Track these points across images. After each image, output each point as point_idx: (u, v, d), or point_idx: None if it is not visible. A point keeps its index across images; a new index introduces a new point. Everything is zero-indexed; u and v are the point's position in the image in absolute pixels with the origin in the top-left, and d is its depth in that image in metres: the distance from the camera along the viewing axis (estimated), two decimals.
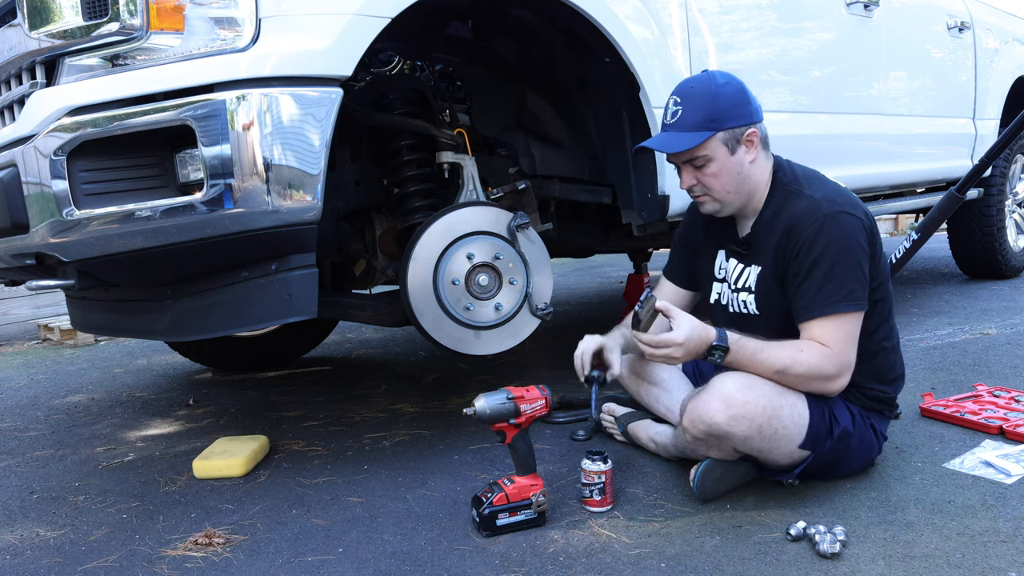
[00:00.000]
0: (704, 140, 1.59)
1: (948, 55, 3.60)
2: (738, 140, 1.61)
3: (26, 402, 2.97)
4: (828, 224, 1.55)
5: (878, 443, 1.71)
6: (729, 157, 1.61)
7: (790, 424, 1.54)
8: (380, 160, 2.18)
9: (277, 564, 1.50)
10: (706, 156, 1.61)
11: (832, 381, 1.56)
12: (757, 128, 1.63)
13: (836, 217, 1.56)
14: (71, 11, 1.54)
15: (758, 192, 1.67)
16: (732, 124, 1.60)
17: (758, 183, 1.66)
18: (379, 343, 3.71)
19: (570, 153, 2.40)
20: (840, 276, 1.54)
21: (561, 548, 1.49)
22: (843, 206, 1.58)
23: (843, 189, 1.65)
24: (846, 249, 1.55)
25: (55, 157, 1.50)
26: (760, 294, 1.67)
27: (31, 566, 1.55)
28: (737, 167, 1.62)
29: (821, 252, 1.55)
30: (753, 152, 1.63)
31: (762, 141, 1.65)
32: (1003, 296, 3.79)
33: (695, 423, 1.55)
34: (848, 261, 1.55)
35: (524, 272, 2.02)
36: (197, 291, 1.75)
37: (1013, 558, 1.34)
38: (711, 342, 1.53)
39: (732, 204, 1.68)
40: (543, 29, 2.15)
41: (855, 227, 1.57)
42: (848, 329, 1.55)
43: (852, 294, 1.54)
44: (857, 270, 1.55)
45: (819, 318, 1.55)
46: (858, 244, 1.56)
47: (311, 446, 2.17)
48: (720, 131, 1.59)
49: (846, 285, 1.54)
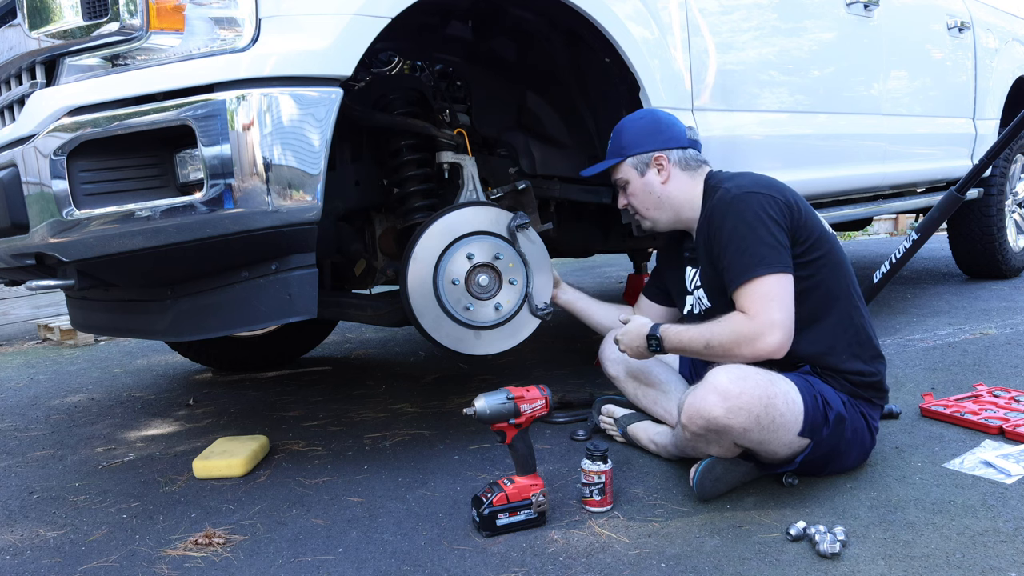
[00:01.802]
0: (612, 164, 1.88)
1: (948, 55, 3.60)
2: (647, 164, 1.84)
3: (26, 402, 2.97)
4: (734, 204, 1.66)
5: (871, 434, 1.72)
6: (640, 178, 1.85)
7: (786, 412, 1.55)
8: (380, 160, 2.18)
9: (277, 564, 1.50)
10: (623, 179, 1.88)
11: (757, 340, 1.59)
12: (666, 153, 1.82)
13: (742, 198, 1.66)
14: (71, 11, 1.54)
15: (687, 206, 1.83)
16: (638, 151, 1.84)
17: (680, 199, 1.83)
18: (379, 343, 3.71)
19: (570, 153, 2.39)
20: (750, 247, 1.62)
21: (561, 548, 1.49)
22: (750, 188, 1.68)
23: (762, 178, 1.74)
24: (751, 222, 1.63)
25: (55, 157, 1.50)
26: (706, 287, 1.81)
27: (31, 566, 1.55)
28: (648, 187, 1.84)
29: (731, 230, 1.65)
30: (664, 174, 1.83)
31: (679, 163, 1.83)
32: (1003, 296, 3.79)
33: (693, 418, 1.55)
34: (755, 232, 1.62)
35: (524, 272, 2.02)
36: (197, 291, 1.75)
37: (1013, 558, 1.34)
38: (646, 334, 1.76)
39: (659, 220, 1.88)
40: (543, 29, 2.15)
41: (762, 202, 1.64)
42: (764, 291, 1.60)
43: (764, 259, 1.60)
44: (767, 237, 1.61)
45: (738, 288, 1.63)
46: (765, 215, 1.63)
47: (311, 446, 2.17)
48: (629, 156, 1.85)
49: (756, 253, 1.61)
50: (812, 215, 1.72)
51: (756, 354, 1.60)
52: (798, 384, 1.60)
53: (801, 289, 1.64)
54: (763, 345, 1.59)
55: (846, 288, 1.72)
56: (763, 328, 1.59)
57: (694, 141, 1.87)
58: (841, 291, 1.71)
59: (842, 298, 1.70)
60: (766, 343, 1.59)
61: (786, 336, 1.60)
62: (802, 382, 1.61)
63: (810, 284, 1.67)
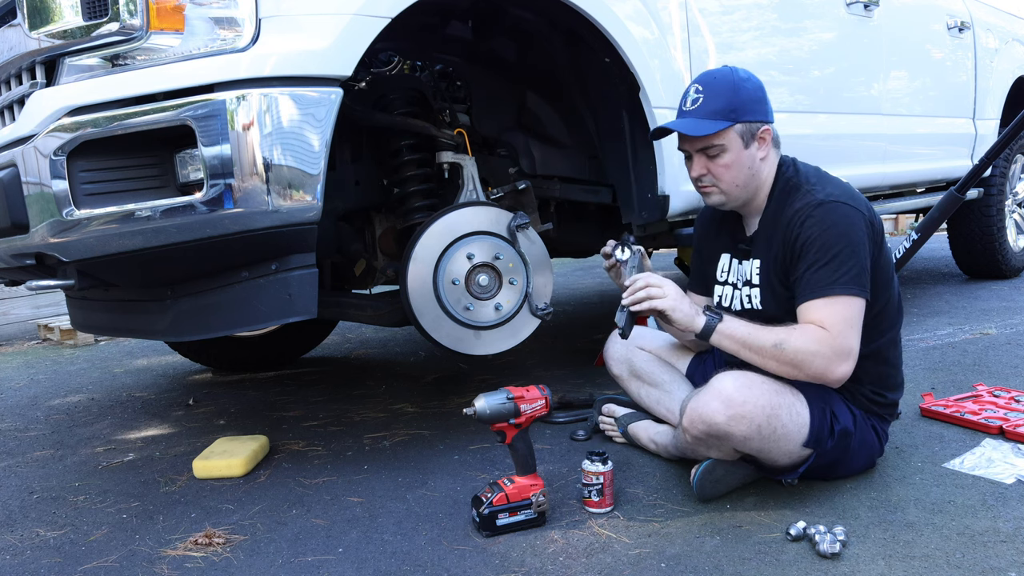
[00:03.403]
0: (724, 128, 1.61)
1: (948, 55, 3.60)
2: (753, 135, 1.63)
3: (26, 402, 2.97)
4: (824, 210, 1.55)
5: (880, 444, 1.71)
6: (743, 150, 1.63)
7: (789, 424, 1.53)
8: (380, 160, 2.18)
9: (277, 564, 1.50)
10: (722, 146, 1.63)
11: (830, 365, 1.50)
12: (771, 127, 1.66)
13: (833, 205, 1.55)
14: (71, 11, 1.54)
15: (763, 189, 1.68)
16: (750, 118, 1.62)
17: (765, 180, 1.68)
18: (379, 343, 3.71)
19: (570, 153, 2.40)
20: (837, 259, 1.51)
21: (561, 548, 1.49)
22: (842, 198, 1.57)
23: (848, 186, 1.64)
24: (843, 234, 1.53)
25: (55, 157, 1.50)
26: (763, 287, 1.67)
27: (31, 566, 1.55)
28: (749, 161, 1.64)
29: (817, 236, 1.53)
30: (765, 149, 1.65)
31: (774, 140, 1.68)
32: (1003, 296, 3.79)
33: (695, 423, 1.55)
34: (846, 245, 1.52)
35: (524, 272, 2.02)
36: (197, 291, 1.75)
37: (1013, 558, 1.34)
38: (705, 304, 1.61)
39: (737, 198, 1.69)
40: (543, 29, 2.15)
41: (854, 216, 1.55)
42: (847, 313, 1.51)
43: (857, 280, 1.51)
44: (857, 255, 1.52)
45: (815, 299, 1.52)
46: (857, 231, 1.54)
47: (311, 446, 2.17)
48: (739, 123, 1.61)
49: (843, 267, 1.51)
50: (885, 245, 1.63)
51: (822, 377, 1.52)
52: (807, 395, 1.57)
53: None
54: (834, 370, 1.51)
55: (895, 323, 1.68)
56: (841, 355, 1.50)
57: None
58: (890, 327, 1.67)
59: (888, 333, 1.66)
60: (838, 371, 1.51)
61: (852, 368, 1.52)
62: (812, 393, 1.58)
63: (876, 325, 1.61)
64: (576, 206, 2.56)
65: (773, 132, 1.67)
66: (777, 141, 1.69)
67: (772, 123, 1.67)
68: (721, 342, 1.58)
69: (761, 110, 1.64)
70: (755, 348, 1.55)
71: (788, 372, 1.53)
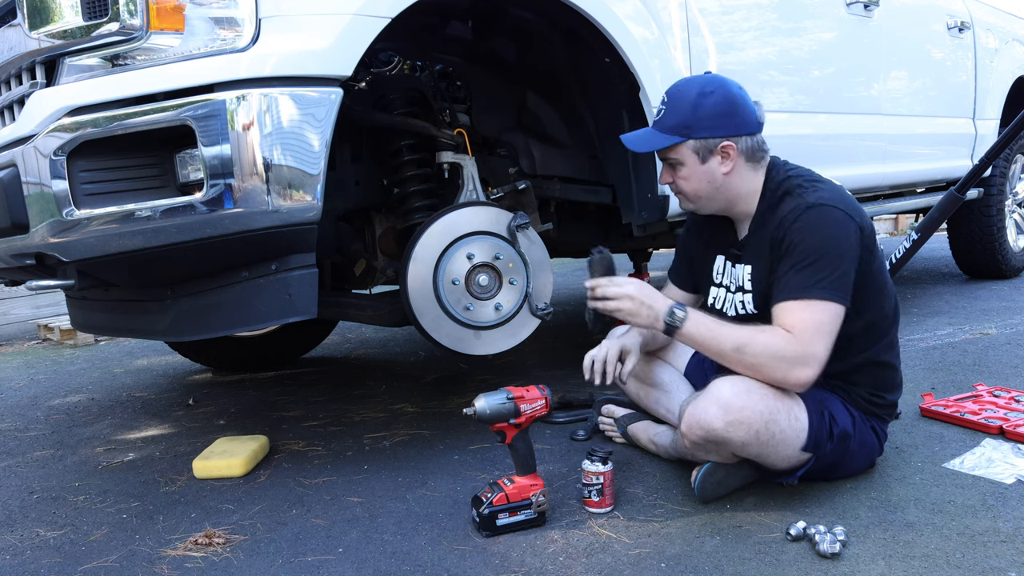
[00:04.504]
0: (671, 144, 1.62)
1: (948, 55, 3.60)
2: (711, 151, 1.61)
3: (26, 402, 2.97)
4: (814, 213, 1.53)
5: (880, 444, 1.71)
6: (699, 165, 1.62)
7: (787, 429, 1.53)
8: (380, 160, 2.18)
9: (277, 564, 1.50)
10: (677, 159, 1.64)
11: (791, 371, 1.48)
12: (735, 141, 1.60)
13: (823, 209, 1.53)
14: (71, 11, 1.54)
15: (743, 199, 1.66)
16: (705, 135, 1.60)
17: (738, 192, 1.65)
18: (379, 343, 3.71)
19: (570, 153, 2.39)
20: (819, 263, 1.49)
21: (561, 548, 1.49)
22: (833, 202, 1.54)
23: (840, 190, 1.61)
24: (830, 238, 1.51)
25: (55, 157, 1.50)
26: (756, 293, 1.66)
27: (31, 566, 1.55)
28: (707, 176, 1.63)
29: (803, 238, 1.52)
30: (728, 164, 1.61)
31: (745, 153, 1.62)
32: (1003, 296, 3.79)
33: (693, 429, 1.54)
34: (831, 250, 1.50)
35: (524, 272, 2.02)
36: (197, 291, 1.75)
37: (1013, 558, 1.34)
38: (667, 303, 1.56)
39: (707, 207, 1.69)
40: (543, 29, 2.15)
41: (843, 221, 1.53)
42: (819, 319, 1.48)
43: (832, 285, 1.48)
44: (841, 261, 1.50)
45: (789, 300, 1.50)
46: (845, 237, 1.52)
47: (311, 446, 2.17)
48: (691, 139, 1.60)
49: (824, 271, 1.49)
50: (878, 251, 1.62)
51: (783, 381, 1.50)
52: (805, 398, 1.57)
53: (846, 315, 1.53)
54: (796, 375, 1.48)
55: (891, 327, 1.67)
56: (805, 359, 1.47)
57: (760, 123, 1.65)
58: (887, 330, 1.66)
59: (885, 337, 1.66)
60: (801, 376, 1.48)
61: (817, 375, 1.49)
62: (810, 396, 1.57)
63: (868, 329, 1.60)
64: (576, 206, 2.56)
65: (743, 146, 1.61)
66: (752, 154, 1.63)
67: (745, 135, 1.61)
68: (685, 342, 1.59)
69: (724, 124, 1.60)
70: (716, 351, 1.55)
71: (750, 375, 1.52)
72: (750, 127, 1.62)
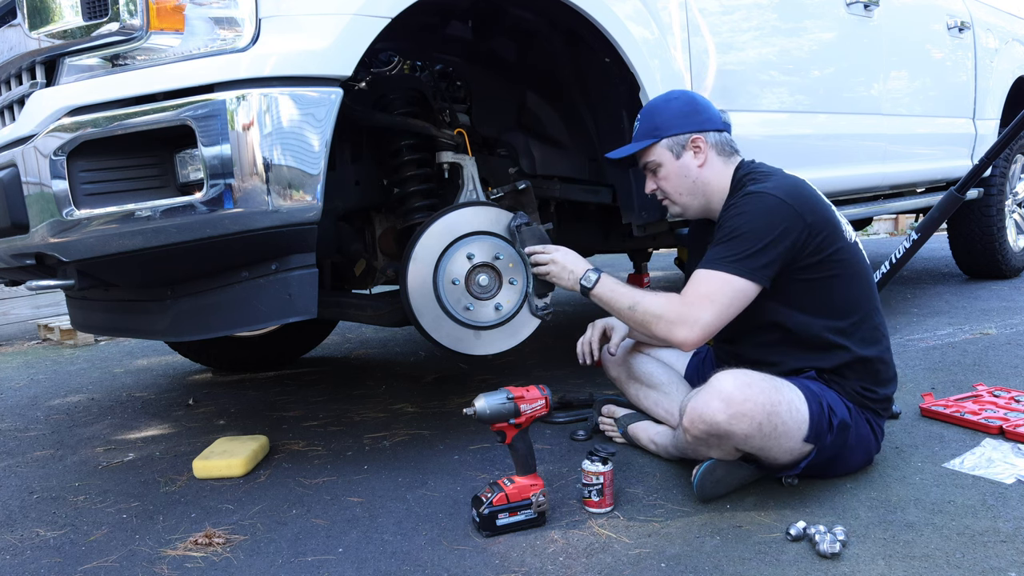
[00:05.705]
0: (647, 145, 1.77)
1: (948, 55, 3.60)
2: (683, 146, 1.75)
3: (26, 402, 2.97)
4: (748, 199, 1.62)
5: (876, 440, 1.71)
6: (675, 161, 1.76)
7: (789, 420, 1.54)
8: (380, 160, 2.18)
9: (277, 564, 1.50)
10: (655, 161, 1.78)
11: (672, 330, 1.59)
12: (704, 135, 1.74)
13: (759, 195, 1.62)
14: (71, 11, 1.54)
15: (718, 194, 1.76)
16: (675, 132, 1.74)
17: (714, 186, 1.76)
18: (379, 343, 3.71)
19: (570, 153, 2.39)
20: (735, 240, 1.59)
21: (561, 548, 1.49)
22: (773, 190, 1.62)
23: (794, 184, 1.66)
24: (754, 218, 1.59)
25: (55, 157, 1.50)
26: None
27: (31, 566, 1.55)
28: (684, 170, 1.76)
29: (727, 220, 1.63)
30: (701, 157, 1.74)
31: (715, 147, 1.75)
32: (1003, 296, 3.79)
33: (695, 423, 1.55)
34: (750, 229, 1.58)
35: (524, 272, 2.02)
36: (197, 291, 1.75)
37: (1013, 558, 1.34)
38: (586, 268, 1.76)
39: (690, 206, 1.81)
40: (543, 29, 2.15)
41: (776, 207, 1.59)
42: (713, 287, 1.58)
43: (740, 258, 1.57)
44: (755, 242, 1.57)
45: (697, 270, 1.62)
46: (772, 219, 1.58)
47: (311, 446, 2.17)
48: (663, 138, 1.75)
49: (736, 247, 1.58)
50: (830, 227, 1.64)
51: (665, 339, 1.62)
52: (804, 391, 1.58)
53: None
54: (677, 334, 1.60)
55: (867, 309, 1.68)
56: (687, 320, 1.58)
57: (727, 124, 1.81)
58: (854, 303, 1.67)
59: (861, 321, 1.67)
60: (676, 334, 1.60)
61: (702, 338, 1.59)
62: (808, 389, 1.60)
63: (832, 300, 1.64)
64: (576, 206, 2.56)
65: (712, 140, 1.75)
66: (722, 148, 1.76)
67: (711, 131, 1.75)
68: (597, 302, 1.76)
69: (690, 122, 1.74)
70: (616, 309, 1.71)
71: (642, 333, 1.63)
72: (716, 124, 1.77)
